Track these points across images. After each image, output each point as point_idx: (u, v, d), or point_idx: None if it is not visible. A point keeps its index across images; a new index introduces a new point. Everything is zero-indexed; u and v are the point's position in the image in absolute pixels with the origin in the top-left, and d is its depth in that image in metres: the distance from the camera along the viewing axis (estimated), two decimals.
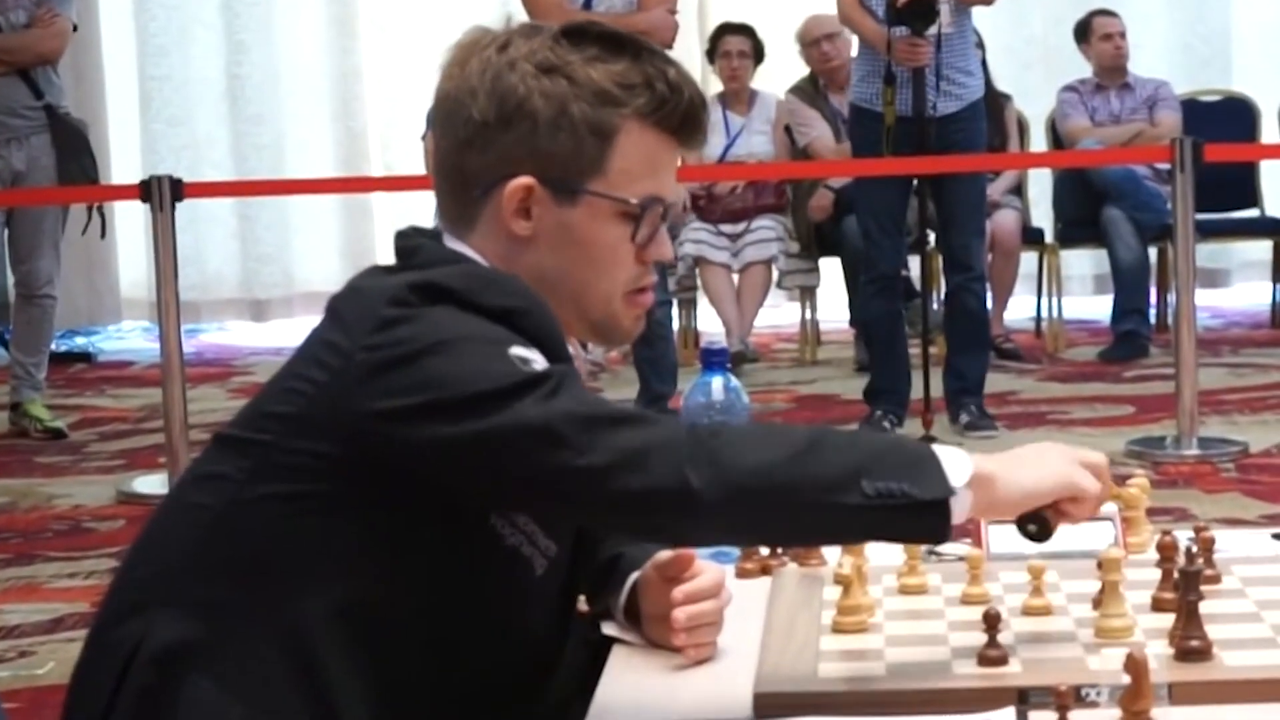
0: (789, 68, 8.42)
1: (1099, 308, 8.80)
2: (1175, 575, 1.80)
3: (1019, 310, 8.51)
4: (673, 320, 7.06)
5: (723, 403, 2.11)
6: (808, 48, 8.14)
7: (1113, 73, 8.31)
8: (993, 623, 1.73)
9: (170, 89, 9.93)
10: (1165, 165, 6.35)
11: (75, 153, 6.75)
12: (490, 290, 1.79)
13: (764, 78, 8.45)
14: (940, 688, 1.69)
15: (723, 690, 1.75)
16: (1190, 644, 1.72)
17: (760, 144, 8.20)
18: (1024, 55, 9.43)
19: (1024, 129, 8.56)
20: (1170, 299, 7.72)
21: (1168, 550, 1.89)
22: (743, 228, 8.08)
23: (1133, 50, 8.44)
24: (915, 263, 6.97)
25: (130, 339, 9.73)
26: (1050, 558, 1.92)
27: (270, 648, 1.72)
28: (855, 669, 1.76)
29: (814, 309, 8.31)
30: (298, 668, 1.72)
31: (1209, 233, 7.68)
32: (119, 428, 7.08)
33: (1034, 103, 8.74)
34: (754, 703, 1.69)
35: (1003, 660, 1.73)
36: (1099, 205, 8.02)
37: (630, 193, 1.85)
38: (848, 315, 8.29)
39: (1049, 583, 1.91)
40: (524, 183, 1.83)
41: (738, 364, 7.23)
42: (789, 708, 1.67)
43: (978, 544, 2.07)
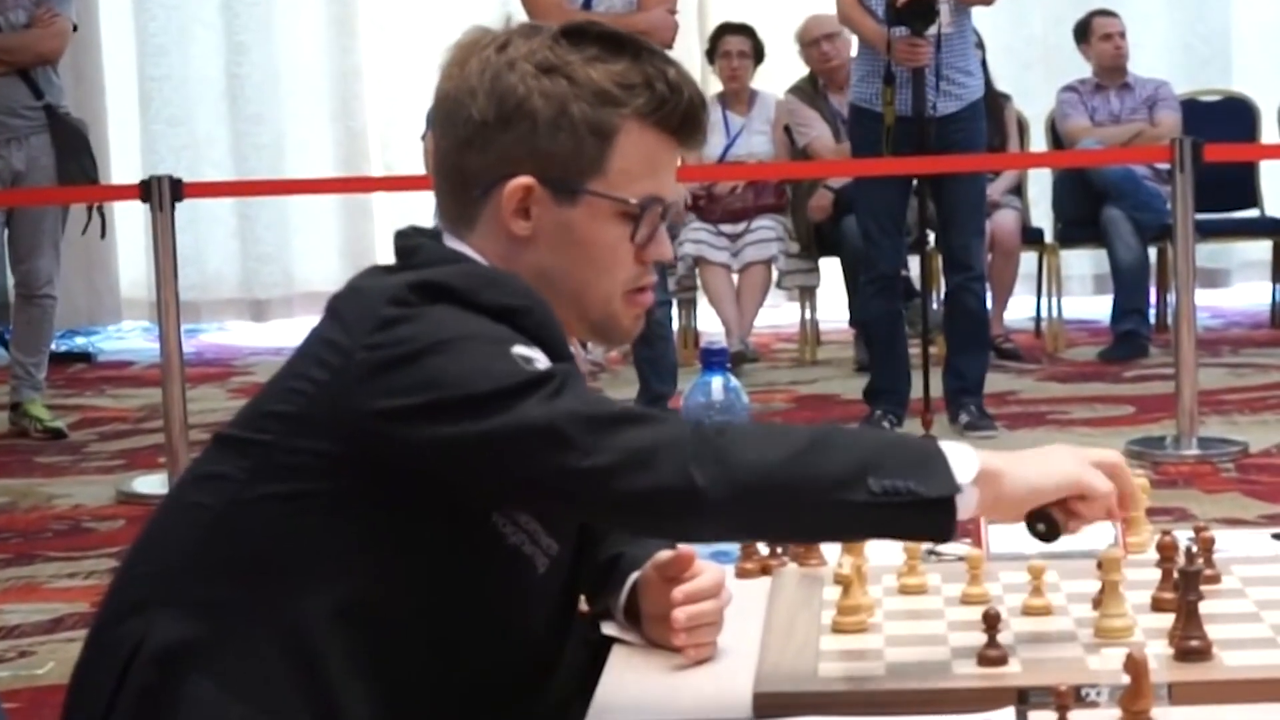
0: (789, 68, 8.41)
1: (1099, 308, 8.79)
2: (1175, 575, 1.80)
3: (1019, 310, 8.51)
4: (673, 320, 7.06)
5: (723, 403, 2.11)
6: (807, 48, 8.14)
7: (1112, 73, 8.31)
8: (992, 623, 1.73)
9: (170, 89, 9.93)
10: (1165, 165, 6.35)
11: (75, 153, 6.75)
12: (491, 289, 1.79)
13: (764, 78, 8.44)
14: (940, 688, 1.69)
15: (723, 690, 1.75)
16: (1190, 644, 1.72)
17: (760, 144, 8.20)
18: (1024, 55, 9.43)
19: (1024, 129, 8.56)
20: (1170, 299, 7.72)
21: (1168, 550, 1.89)
22: (742, 228, 8.07)
23: (1133, 50, 8.44)
24: (915, 263, 6.96)
25: (130, 339, 9.72)
26: (1050, 558, 1.92)
27: (271, 647, 1.72)
28: (855, 669, 1.76)
29: (814, 309, 8.30)
30: (298, 667, 1.72)
31: (1209, 233, 7.68)
32: (119, 428, 7.07)
33: (1034, 103, 8.74)
34: (754, 702, 1.69)
35: (1002, 660, 1.73)
36: (1099, 205, 8.02)
37: (630, 193, 1.85)
38: (847, 315, 8.29)
39: (1049, 583, 1.91)
40: (524, 182, 1.83)
41: (737, 364, 7.23)
42: (789, 708, 1.67)
43: (978, 544, 2.07)
